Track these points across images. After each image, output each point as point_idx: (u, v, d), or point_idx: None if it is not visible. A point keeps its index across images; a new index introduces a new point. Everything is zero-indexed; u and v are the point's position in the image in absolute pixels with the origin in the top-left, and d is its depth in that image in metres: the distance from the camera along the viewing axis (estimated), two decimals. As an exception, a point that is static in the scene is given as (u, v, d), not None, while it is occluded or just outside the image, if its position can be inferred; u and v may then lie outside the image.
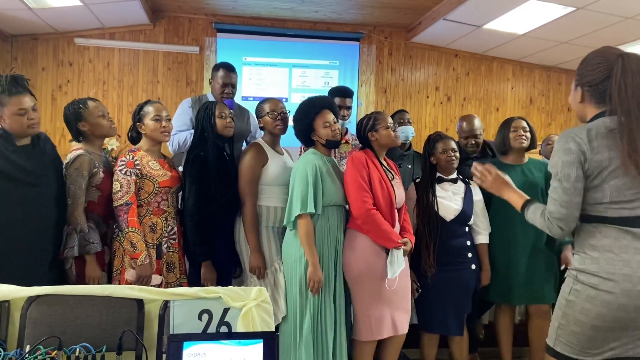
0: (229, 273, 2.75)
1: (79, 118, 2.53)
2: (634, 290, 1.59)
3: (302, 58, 5.83)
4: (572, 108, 1.87)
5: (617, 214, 1.65)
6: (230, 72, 3.40)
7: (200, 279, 2.57)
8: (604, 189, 1.65)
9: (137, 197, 2.50)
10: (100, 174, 2.51)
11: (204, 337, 1.56)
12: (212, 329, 1.68)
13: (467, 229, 2.86)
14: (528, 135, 2.98)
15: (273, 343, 1.45)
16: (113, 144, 3.95)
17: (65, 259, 2.41)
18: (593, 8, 4.26)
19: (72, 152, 2.51)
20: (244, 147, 3.16)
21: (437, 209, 2.79)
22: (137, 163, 2.51)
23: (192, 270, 2.68)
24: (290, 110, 2.79)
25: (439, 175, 2.88)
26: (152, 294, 1.75)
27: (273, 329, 1.74)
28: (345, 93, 3.42)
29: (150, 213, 2.54)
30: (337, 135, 2.65)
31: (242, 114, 3.50)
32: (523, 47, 5.66)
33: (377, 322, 2.56)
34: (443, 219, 2.79)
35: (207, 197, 2.57)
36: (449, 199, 2.84)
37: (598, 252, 1.66)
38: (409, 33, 5.93)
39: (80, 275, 2.43)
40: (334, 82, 5.80)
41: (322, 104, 2.66)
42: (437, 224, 2.76)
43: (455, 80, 6.19)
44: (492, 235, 2.92)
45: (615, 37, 4.78)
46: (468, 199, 2.85)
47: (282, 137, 2.83)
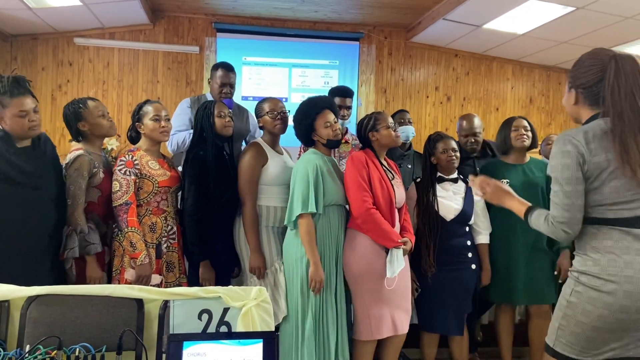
0: (228, 273, 2.74)
1: (79, 118, 2.52)
2: (636, 292, 1.58)
3: (302, 58, 5.83)
4: (566, 110, 1.86)
5: (617, 215, 1.64)
6: (229, 71, 3.40)
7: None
8: (604, 191, 1.64)
9: (136, 196, 2.50)
10: (100, 174, 2.51)
11: (204, 337, 1.57)
12: (211, 329, 1.68)
13: (467, 229, 2.87)
14: (529, 135, 2.99)
15: (273, 343, 1.45)
16: (113, 144, 3.94)
17: (66, 260, 2.40)
18: (593, 8, 4.26)
19: (71, 152, 2.50)
20: (244, 146, 3.16)
21: (437, 209, 2.79)
22: (136, 163, 2.51)
23: (191, 270, 2.67)
24: (290, 110, 2.79)
25: (440, 175, 2.88)
26: (151, 294, 1.75)
27: (273, 329, 1.74)
28: (346, 93, 3.42)
29: (150, 213, 2.53)
30: (338, 135, 2.65)
31: (241, 114, 3.50)
32: (523, 47, 5.66)
33: (377, 321, 2.56)
34: (443, 219, 2.79)
35: (206, 196, 2.57)
36: (450, 199, 2.84)
37: (600, 253, 1.65)
38: (409, 33, 5.93)
39: (81, 276, 2.43)
40: (334, 82, 5.79)
41: (322, 104, 2.66)
42: (437, 224, 2.76)
43: (455, 80, 6.19)
44: (492, 235, 2.93)
45: (615, 36, 4.76)
46: (468, 199, 2.85)
47: (282, 136, 2.83)
